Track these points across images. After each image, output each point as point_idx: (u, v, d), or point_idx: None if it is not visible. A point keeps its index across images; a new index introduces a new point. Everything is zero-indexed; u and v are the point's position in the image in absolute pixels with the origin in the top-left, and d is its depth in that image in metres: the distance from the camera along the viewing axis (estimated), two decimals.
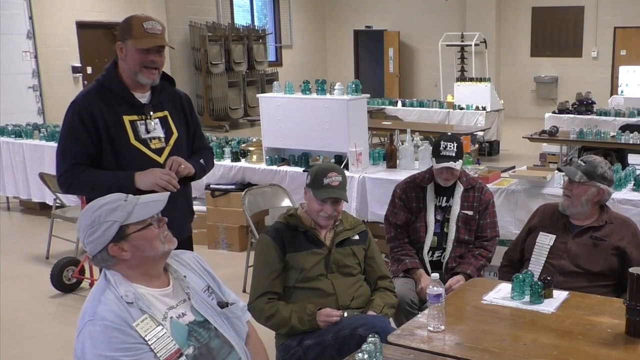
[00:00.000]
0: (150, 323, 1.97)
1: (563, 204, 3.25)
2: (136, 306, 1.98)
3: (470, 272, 3.49)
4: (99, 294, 2.01)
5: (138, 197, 2.06)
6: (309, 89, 5.53)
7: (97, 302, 1.98)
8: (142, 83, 2.88)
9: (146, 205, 2.05)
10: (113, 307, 1.96)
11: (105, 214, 1.99)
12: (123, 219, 2.00)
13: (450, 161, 3.51)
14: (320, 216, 3.02)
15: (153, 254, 2.05)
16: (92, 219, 2.00)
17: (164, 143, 2.94)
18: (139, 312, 1.98)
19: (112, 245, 2.00)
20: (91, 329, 1.92)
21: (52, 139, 7.08)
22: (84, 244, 2.04)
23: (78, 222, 2.06)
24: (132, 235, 2.01)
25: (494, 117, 10.54)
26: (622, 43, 15.04)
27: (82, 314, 2.00)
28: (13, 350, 4.17)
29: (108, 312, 1.94)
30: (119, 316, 1.94)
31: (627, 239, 3.17)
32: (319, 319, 2.89)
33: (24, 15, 11.11)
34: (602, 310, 2.67)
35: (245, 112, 14.80)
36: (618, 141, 7.53)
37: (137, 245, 2.02)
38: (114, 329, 1.92)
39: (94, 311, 1.95)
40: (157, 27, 2.84)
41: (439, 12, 16.47)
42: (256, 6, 16.69)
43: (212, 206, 5.96)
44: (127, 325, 1.94)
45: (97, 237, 2.00)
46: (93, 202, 2.06)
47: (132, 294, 1.99)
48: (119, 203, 2.02)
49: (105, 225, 1.99)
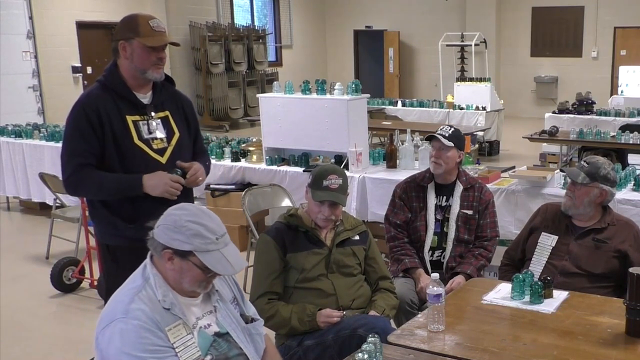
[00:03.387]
0: (181, 330, 1.99)
1: (565, 204, 3.24)
2: (172, 312, 1.99)
3: (470, 272, 3.49)
4: (135, 291, 2.00)
5: (226, 249, 2.03)
6: (309, 89, 5.53)
7: (131, 300, 1.97)
8: (151, 79, 2.88)
9: (221, 262, 2.01)
10: (148, 307, 1.96)
11: (192, 232, 1.98)
12: (197, 249, 1.98)
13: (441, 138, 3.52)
14: (317, 217, 3.02)
15: (186, 286, 2.04)
16: (180, 224, 1.99)
17: (166, 143, 2.94)
18: (172, 318, 1.99)
19: (169, 251, 2.00)
20: (123, 327, 1.91)
21: (52, 139, 7.08)
22: (158, 224, 2.03)
23: (171, 210, 2.05)
24: (187, 262, 2.00)
25: (494, 117, 10.54)
26: (622, 43, 15.04)
27: (113, 308, 1.98)
28: (13, 350, 4.18)
29: (142, 312, 1.94)
30: (152, 318, 1.95)
31: (628, 241, 3.16)
32: (319, 319, 2.89)
33: (24, 15, 11.11)
34: (602, 310, 2.67)
35: (245, 112, 14.80)
36: (618, 141, 7.53)
37: (183, 271, 2.01)
38: (146, 330, 1.92)
39: (127, 308, 1.94)
40: (162, 26, 2.86)
41: (439, 12, 16.47)
42: (256, 6, 16.69)
43: (212, 206, 5.95)
44: (158, 328, 1.94)
45: (168, 236, 1.99)
46: (195, 211, 2.04)
47: (170, 299, 2.00)
48: (208, 237, 1.99)
49: (182, 238, 1.98)
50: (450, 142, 3.53)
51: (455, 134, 3.59)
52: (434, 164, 3.58)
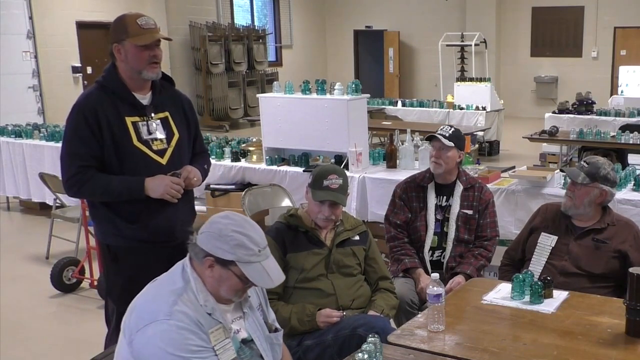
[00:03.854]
0: (221, 333, 2.03)
1: (565, 204, 3.24)
2: (213, 316, 2.02)
3: (470, 272, 3.49)
4: (177, 293, 2.01)
5: (267, 262, 2.04)
6: (309, 89, 5.53)
7: (174, 301, 1.98)
8: (147, 78, 2.87)
9: (261, 274, 2.03)
10: (191, 310, 1.98)
11: (236, 242, 1.99)
12: (240, 260, 2.00)
13: (441, 138, 3.52)
14: (317, 217, 3.02)
15: (223, 294, 2.06)
16: (225, 233, 2.00)
17: (166, 144, 2.94)
18: (214, 322, 2.02)
19: (211, 259, 2.01)
20: (166, 328, 1.93)
21: (52, 139, 7.08)
22: (202, 231, 2.04)
23: (216, 217, 2.06)
24: (228, 271, 2.01)
25: (494, 117, 10.54)
26: (622, 43, 15.04)
27: (154, 308, 1.98)
28: (13, 350, 4.17)
29: (185, 315, 1.96)
30: (195, 321, 1.97)
31: (629, 242, 3.16)
32: (319, 319, 2.89)
33: (24, 15, 11.11)
34: (602, 310, 2.67)
35: (245, 112, 14.80)
36: (618, 141, 7.53)
37: (222, 279, 2.02)
38: (190, 332, 1.95)
39: (170, 310, 1.95)
40: (151, 22, 2.84)
41: (439, 12, 16.47)
42: (256, 6, 16.69)
43: (212, 206, 5.95)
44: (201, 330, 1.97)
45: (211, 244, 2.01)
46: (241, 221, 2.04)
47: (211, 304, 2.03)
48: (252, 249, 2.01)
49: (225, 247, 1.99)
50: (451, 142, 3.53)
51: (455, 134, 3.59)
52: (434, 164, 3.57)
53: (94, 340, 3.63)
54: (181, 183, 2.89)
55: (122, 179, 2.82)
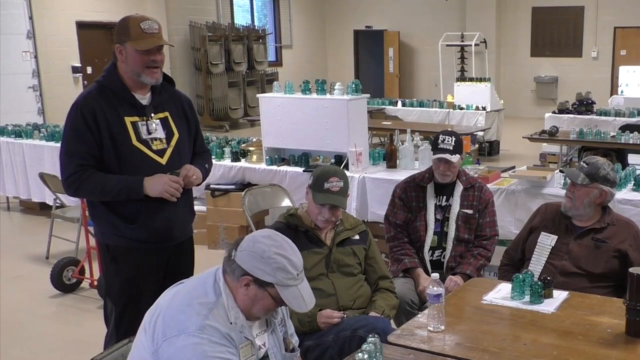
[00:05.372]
0: (249, 350, 2.04)
1: (565, 205, 3.23)
2: (243, 334, 2.03)
3: (470, 272, 3.49)
4: (209, 306, 2.00)
5: (302, 285, 2.05)
6: (309, 89, 5.53)
7: (205, 316, 1.97)
8: (146, 83, 2.87)
9: (297, 298, 2.03)
10: (222, 325, 1.98)
11: (277, 265, 1.99)
12: (279, 283, 1.99)
13: (446, 153, 3.52)
14: (317, 219, 3.02)
15: (254, 312, 2.06)
16: (268, 255, 1.99)
17: (166, 144, 2.93)
18: (241, 338, 2.02)
19: (249, 278, 2.00)
20: (197, 341, 1.92)
21: (52, 139, 7.08)
22: (242, 248, 2.02)
23: (258, 236, 2.04)
24: (264, 292, 2.01)
25: (494, 117, 10.54)
26: (622, 43, 15.04)
27: (183, 319, 1.96)
28: (13, 350, 4.17)
29: (216, 330, 1.96)
30: (226, 335, 1.98)
31: (628, 241, 3.16)
32: (320, 320, 2.89)
33: (24, 15, 11.10)
34: (602, 310, 2.67)
35: (245, 112, 14.80)
36: (618, 141, 7.53)
37: (257, 299, 2.02)
38: (220, 345, 1.95)
39: (202, 324, 1.95)
40: (154, 26, 2.83)
41: (439, 12, 16.47)
42: (256, 6, 16.69)
43: (212, 206, 5.96)
44: (232, 345, 1.98)
45: (252, 264, 1.99)
46: (283, 243, 2.05)
47: (241, 322, 2.03)
48: (291, 273, 2.00)
49: (267, 269, 1.98)
50: (456, 154, 3.54)
51: (456, 143, 3.58)
52: (443, 176, 3.59)
53: (93, 340, 3.63)
54: (180, 182, 2.89)
55: (121, 178, 2.82)
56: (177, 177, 2.90)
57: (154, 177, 2.84)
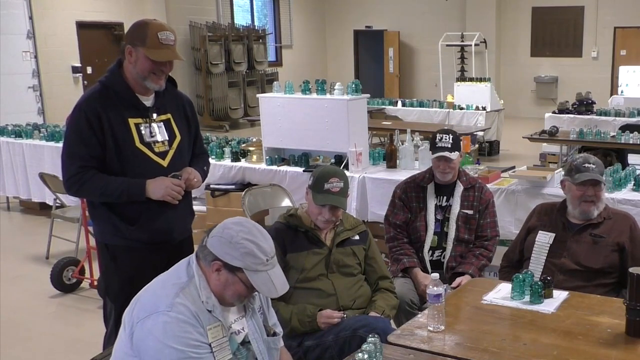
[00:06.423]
0: (219, 331, 2.04)
1: (587, 211, 3.17)
2: (213, 314, 2.04)
3: (472, 272, 3.49)
4: (180, 286, 2.02)
5: (273, 271, 2.07)
6: (309, 89, 5.53)
7: (176, 294, 2.00)
8: (151, 89, 2.87)
9: (267, 283, 2.05)
10: (192, 304, 2.00)
11: (245, 250, 2.01)
12: (247, 268, 2.02)
13: (445, 151, 3.52)
14: (317, 220, 3.03)
15: (227, 298, 2.08)
16: (236, 240, 2.01)
17: (168, 146, 2.93)
18: (213, 319, 2.03)
19: (219, 263, 2.02)
20: (166, 319, 1.95)
21: (52, 139, 7.08)
22: (213, 234, 2.05)
23: (229, 223, 2.07)
24: (234, 277, 2.03)
25: (494, 117, 10.54)
26: (622, 43, 15.04)
27: (155, 300, 2.00)
28: (13, 350, 4.17)
29: (186, 308, 1.98)
30: (195, 315, 1.99)
31: (625, 233, 3.17)
32: (320, 320, 2.89)
33: (24, 15, 11.11)
34: (602, 310, 2.67)
35: (245, 112, 14.80)
36: (618, 141, 7.53)
37: (228, 283, 2.05)
38: (189, 325, 1.96)
39: (172, 302, 1.97)
40: (171, 38, 2.81)
41: (439, 12, 16.47)
42: (256, 6, 16.69)
43: (212, 206, 5.95)
44: (200, 325, 1.99)
45: (221, 249, 2.02)
46: (252, 229, 2.06)
47: (212, 302, 2.04)
48: (260, 258, 2.03)
49: (235, 254, 2.01)
50: (455, 151, 3.54)
51: (454, 140, 3.59)
52: (443, 174, 3.59)
53: (93, 340, 3.63)
54: (182, 185, 2.89)
55: (123, 180, 2.82)
56: (179, 181, 2.90)
57: (156, 180, 2.84)
